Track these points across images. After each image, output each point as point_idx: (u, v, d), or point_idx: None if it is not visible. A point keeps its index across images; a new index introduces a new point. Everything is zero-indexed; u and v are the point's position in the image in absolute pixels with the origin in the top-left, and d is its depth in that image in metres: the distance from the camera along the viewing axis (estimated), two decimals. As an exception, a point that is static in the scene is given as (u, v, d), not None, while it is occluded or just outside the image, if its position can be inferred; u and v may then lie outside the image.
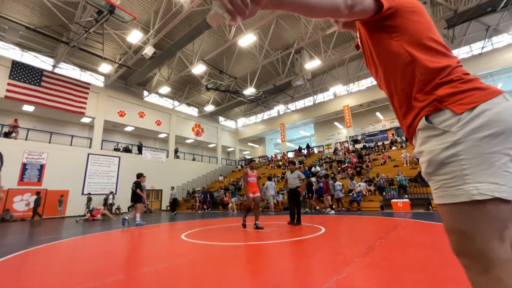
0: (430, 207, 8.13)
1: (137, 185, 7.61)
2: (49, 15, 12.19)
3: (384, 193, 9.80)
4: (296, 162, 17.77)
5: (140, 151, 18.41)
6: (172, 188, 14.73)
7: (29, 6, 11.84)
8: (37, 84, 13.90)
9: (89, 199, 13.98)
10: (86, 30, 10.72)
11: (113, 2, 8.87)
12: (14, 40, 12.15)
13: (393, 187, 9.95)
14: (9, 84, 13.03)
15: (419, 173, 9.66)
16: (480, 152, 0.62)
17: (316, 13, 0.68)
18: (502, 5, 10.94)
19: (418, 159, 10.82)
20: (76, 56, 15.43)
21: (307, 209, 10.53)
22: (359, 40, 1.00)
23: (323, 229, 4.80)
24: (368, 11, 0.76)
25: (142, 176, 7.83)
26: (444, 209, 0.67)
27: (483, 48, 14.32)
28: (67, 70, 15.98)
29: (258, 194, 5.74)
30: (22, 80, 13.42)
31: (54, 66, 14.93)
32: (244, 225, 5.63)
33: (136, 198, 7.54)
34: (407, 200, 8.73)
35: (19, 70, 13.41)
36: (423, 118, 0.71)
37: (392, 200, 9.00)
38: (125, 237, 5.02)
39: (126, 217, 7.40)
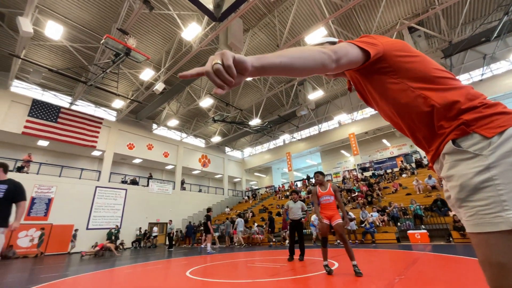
0: (451, 239, 7.58)
1: (208, 218, 9.20)
2: (71, 58, 13.32)
3: (398, 224, 9.28)
4: (304, 192, 17.33)
5: (148, 183, 18.44)
6: (170, 221, 14.56)
7: (53, 51, 13.03)
8: (54, 120, 14.63)
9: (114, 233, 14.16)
10: (103, 71, 11.57)
11: (130, 46, 9.69)
12: (36, 81, 13.16)
13: (407, 216, 9.44)
14: (27, 121, 13.76)
15: (435, 201, 9.23)
16: None
17: (303, 73, 0.68)
18: (495, 35, 11.43)
19: (433, 186, 10.37)
20: (92, 93, 16.44)
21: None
22: (351, 82, 1.02)
23: (336, 264, 4.49)
24: (356, 61, 0.78)
25: (211, 211, 9.45)
26: (480, 238, 0.62)
27: (482, 75, 14.63)
28: (83, 106, 16.94)
29: (339, 220, 3.87)
30: (40, 117, 14.19)
31: (71, 104, 15.86)
32: (329, 271, 3.62)
33: (207, 229, 9.19)
34: (425, 231, 8.20)
35: (38, 108, 14.25)
36: (450, 142, 0.70)
37: (408, 231, 8.47)
38: (125, 276, 4.78)
39: (202, 246, 9.35)
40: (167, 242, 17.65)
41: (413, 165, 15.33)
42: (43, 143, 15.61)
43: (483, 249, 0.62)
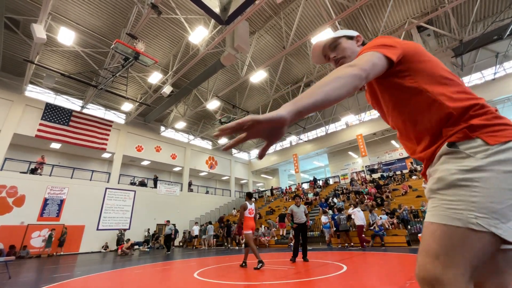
0: (464, 242, 7.37)
1: (281, 217, 11.29)
2: (82, 63, 13.69)
3: (409, 227, 9.08)
4: (312, 194, 17.20)
5: (155, 184, 18.66)
6: (167, 222, 12.78)
7: (65, 56, 13.43)
8: (66, 123, 15.02)
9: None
10: (113, 75, 11.83)
11: (138, 50, 9.89)
12: (50, 86, 13.57)
13: (418, 219, 9.23)
14: (40, 124, 14.17)
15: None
16: (497, 186, 0.60)
17: (338, 101, 0.68)
18: (508, 33, 11.12)
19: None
20: (102, 97, 16.82)
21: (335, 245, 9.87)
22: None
23: (345, 267, 4.43)
24: (381, 71, 0.78)
25: (288, 210, 11.45)
26: (434, 228, 0.64)
27: (495, 73, 14.22)
28: (94, 110, 17.34)
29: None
30: (52, 120, 14.59)
31: (82, 107, 16.27)
32: (243, 265, 5.26)
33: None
34: (436, 234, 7.99)
35: (51, 112, 14.67)
36: (447, 143, 0.70)
37: (419, 235, 8.27)
38: (137, 276, 4.85)
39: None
40: (180, 244, 17.62)
41: (424, 166, 15.00)
42: (55, 145, 16.04)
43: (429, 238, 0.65)
